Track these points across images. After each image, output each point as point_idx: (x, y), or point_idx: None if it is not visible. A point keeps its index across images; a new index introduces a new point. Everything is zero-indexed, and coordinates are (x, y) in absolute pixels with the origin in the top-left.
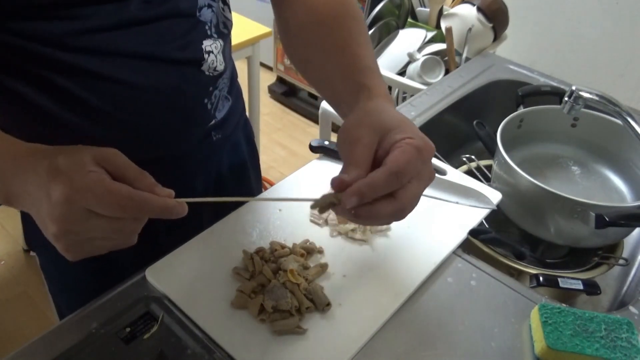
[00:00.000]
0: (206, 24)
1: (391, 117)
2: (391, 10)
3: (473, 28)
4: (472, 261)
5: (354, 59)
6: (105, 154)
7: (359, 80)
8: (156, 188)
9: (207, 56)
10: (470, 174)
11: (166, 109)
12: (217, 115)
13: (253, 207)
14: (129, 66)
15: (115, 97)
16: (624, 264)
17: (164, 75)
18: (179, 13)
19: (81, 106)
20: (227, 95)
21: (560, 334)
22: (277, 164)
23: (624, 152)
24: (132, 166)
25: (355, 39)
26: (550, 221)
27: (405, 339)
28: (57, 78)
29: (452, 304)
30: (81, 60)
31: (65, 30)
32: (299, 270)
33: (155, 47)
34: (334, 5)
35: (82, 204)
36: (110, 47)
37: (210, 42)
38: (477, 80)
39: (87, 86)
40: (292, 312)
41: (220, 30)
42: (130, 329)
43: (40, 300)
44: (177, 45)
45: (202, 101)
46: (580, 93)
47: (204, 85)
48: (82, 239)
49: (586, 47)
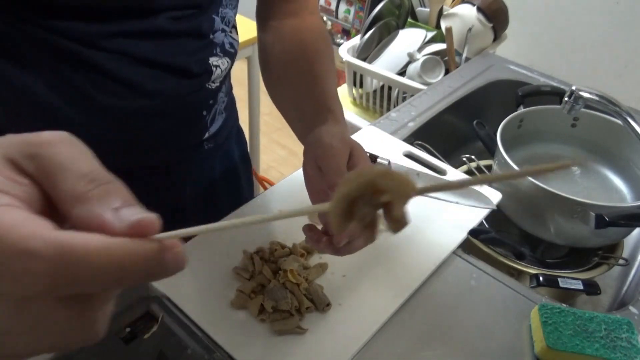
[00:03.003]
0: (217, 45)
1: (353, 142)
2: (391, 10)
3: (473, 28)
4: (472, 261)
5: (322, 94)
6: (32, 146)
7: (326, 107)
8: (135, 216)
9: (214, 69)
10: (470, 174)
11: (167, 117)
12: (212, 128)
13: (253, 207)
14: (146, 72)
15: (125, 99)
16: (624, 264)
17: (169, 84)
18: (199, 32)
19: (90, 103)
20: (222, 110)
21: (560, 334)
22: (277, 164)
23: (624, 152)
24: (78, 162)
25: (322, 74)
26: (550, 221)
27: (405, 339)
28: (74, 75)
29: (452, 304)
30: (104, 60)
31: (96, 31)
32: (298, 270)
33: (173, 58)
34: (306, 42)
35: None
36: (132, 50)
37: (217, 59)
38: (477, 80)
39: (102, 86)
40: (292, 312)
41: (227, 50)
42: (130, 329)
43: None
44: (192, 59)
45: (202, 113)
46: (580, 93)
47: (205, 98)
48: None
49: (586, 47)
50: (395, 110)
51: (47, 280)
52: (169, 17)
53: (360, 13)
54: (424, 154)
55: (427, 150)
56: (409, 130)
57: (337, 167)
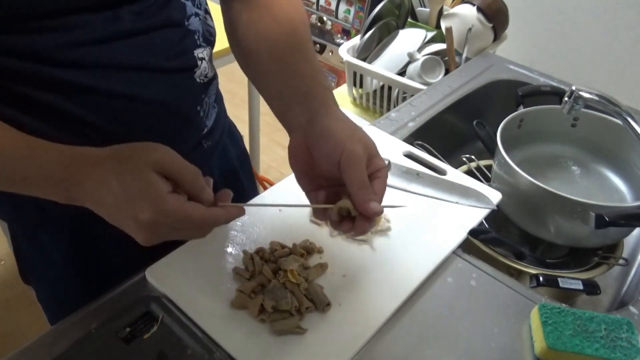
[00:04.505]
0: (195, 32)
1: (369, 141)
2: (391, 10)
3: (473, 28)
4: (472, 261)
5: (308, 80)
6: (160, 161)
7: (319, 85)
8: (206, 191)
9: (200, 63)
10: (470, 174)
11: (161, 119)
12: (207, 123)
13: (253, 207)
14: (123, 78)
15: (109, 111)
16: (624, 264)
17: (159, 85)
18: (170, 23)
19: (72, 123)
20: (214, 103)
21: (560, 334)
22: (277, 164)
23: (624, 152)
24: (184, 168)
25: (307, 63)
26: (550, 221)
27: (405, 339)
28: (44, 95)
29: (452, 304)
30: (72, 75)
31: (54, 43)
32: (299, 270)
33: (148, 58)
34: (285, 29)
35: (167, 223)
36: (102, 60)
37: (201, 50)
38: (477, 80)
39: (79, 101)
40: (292, 312)
41: (207, 38)
42: (130, 329)
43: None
44: (170, 54)
45: (195, 109)
46: (580, 93)
47: (197, 93)
48: (161, 238)
49: (586, 47)
50: (395, 110)
51: (203, 227)
52: (131, 12)
53: (360, 13)
54: (424, 154)
55: (427, 150)
56: (409, 130)
57: (361, 179)
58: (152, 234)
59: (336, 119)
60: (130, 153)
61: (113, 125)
